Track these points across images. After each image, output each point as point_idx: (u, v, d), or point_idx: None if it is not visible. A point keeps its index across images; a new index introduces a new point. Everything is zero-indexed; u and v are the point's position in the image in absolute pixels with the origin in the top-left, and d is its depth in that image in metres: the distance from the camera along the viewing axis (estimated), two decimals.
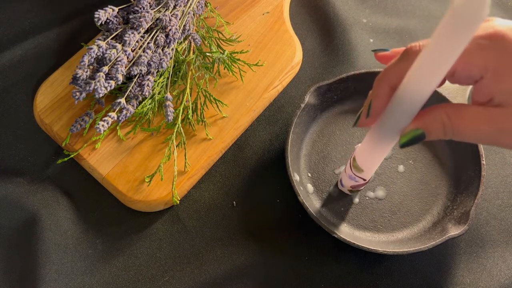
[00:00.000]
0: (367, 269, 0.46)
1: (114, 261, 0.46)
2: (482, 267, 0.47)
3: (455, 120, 0.29)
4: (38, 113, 0.51)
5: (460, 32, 0.25)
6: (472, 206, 0.44)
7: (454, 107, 0.30)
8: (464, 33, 0.25)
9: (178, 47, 0.52)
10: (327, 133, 0.52)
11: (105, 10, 0.47)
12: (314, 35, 0.60)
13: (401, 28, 0.60)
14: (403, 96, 0.30)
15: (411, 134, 0.31)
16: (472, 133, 0.29)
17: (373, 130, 0.35)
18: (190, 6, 0.52)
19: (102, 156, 0.49)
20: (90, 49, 0.45)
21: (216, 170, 0.51)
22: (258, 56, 0.55)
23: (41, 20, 0.59)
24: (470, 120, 0.29)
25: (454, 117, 0.29)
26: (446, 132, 0.30)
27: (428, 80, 0.28)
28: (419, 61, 0.28)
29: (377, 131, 0.35)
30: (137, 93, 0.49)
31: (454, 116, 0.29)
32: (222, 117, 0.51)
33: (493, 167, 0.52)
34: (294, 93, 0.56)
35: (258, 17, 0.58)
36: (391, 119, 0.32)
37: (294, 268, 0.46)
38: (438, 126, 0.30)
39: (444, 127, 0.30)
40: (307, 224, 0.48)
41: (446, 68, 0.27)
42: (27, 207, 0.48)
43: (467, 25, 0.24)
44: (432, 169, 0.50)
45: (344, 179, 0.46)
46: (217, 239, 0.48)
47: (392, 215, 0.48)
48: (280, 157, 0.51)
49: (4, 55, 0.56)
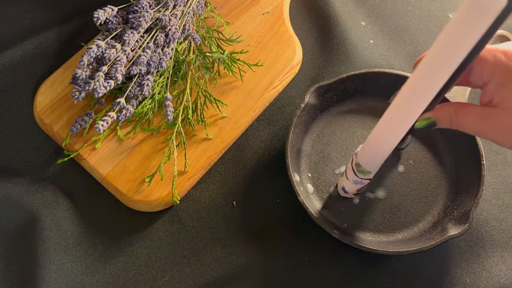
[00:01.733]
0: (367, 269, 0.46)
1: (114, 261, 0.46)
2: (482, 267, 0.47)
3: (459, 114, 0.36)
4: (38, 113, 0.51)
5: (476, 21, 0.25)
6: (472, 206, 0.44)
7: (461, 104, 0.37)
8: (479, 22, 0.26)
9: (178, 47, 0.52)
10: (327, 133, 0.52)
11: (105, 10, 0.47)
12: (314, 35, 0.60)
13: (401, 28, 0.60)
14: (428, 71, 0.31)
15: (426, 121, 0.38)
16: (470, 126, 0.36)
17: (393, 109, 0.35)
18: (190, 6, 0.52)
19: (102, 156, 0.49)
20: (89, 48, 0.45)
21: (216, 170, 0.51)
22: (258, 56, 0.55)
23: (41, 20, 0.59)
24: (470, 116, 0.36)
25: (459, 112, 0.36)
26: (452, 123, 0.37)
27: (447, 62, 0.29)
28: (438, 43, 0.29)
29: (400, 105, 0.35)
30: (136, 93, 0.49)
31: (459, 111, 0.36)
32: (222, 117, 0.51)
33: (494, 167, 0.52)
34: (294, 93, 0.56)
35: (258, 17, 0.58)
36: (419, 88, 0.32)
37: (294, 268, 0.46)
38: (446, 117, 0.37)
39: (450, 119, 0.37)
40: (307, 224, 0.48)
41: (462, 55, 0.29)
42: (27, 207, 0.48)
43: (483, 15, 0.25)
44: (432, 169, 0.50)
45: (348, 186, 0.46)
46: (217, 239, 0.48)
47: (392, 215, 0.48)
48: (280, 157, 0.51)
49: (4, 55, 0.56)
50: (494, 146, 0.53)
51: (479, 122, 0.36)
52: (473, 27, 0.26)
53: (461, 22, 0.26)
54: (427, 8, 0.62)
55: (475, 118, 0.36)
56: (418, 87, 0.31)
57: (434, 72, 0.29)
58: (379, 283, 0.46)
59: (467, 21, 0.26)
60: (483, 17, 0.25)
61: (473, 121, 0.36)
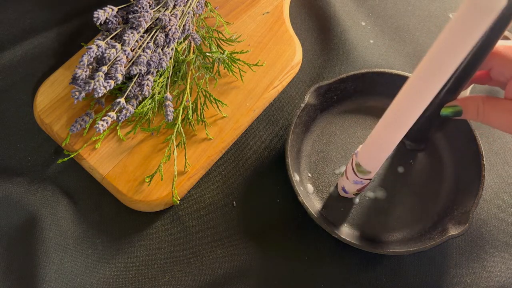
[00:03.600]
0: (367, 269, 0.46)
1: (114, 261, 0.46)
2: (482, 267, 0.47)
3: (487, 106, 0.36)
4: (38, 113, 0.51)
5: (475, 20, 0.25)
6: (472, 206, 0.44)
7: (490, 97, 0.36)
8: (480, 21, 0.26)
9: (178, 47, 0.52)
10: (327, 133, 0.52)
11: (104, 10, 0.47)
12: (314, 35, 0.60)
13: (401, 28, 0.60)
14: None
15: (452, 109, 0.38)
16: (497, 121, 0.36)
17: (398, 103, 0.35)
18: (189, 6, 0.52)
19: (102, 156, 0.49)
20: (89, 48, 0.45)
21: (216, 170, 0.51)
22: (258, 56, 0.55)
23: (41, 20, 0.59)
24: (497, 109, 0.36)
25: (487, 104, 0.36)
26: (478, 115, 0.37)
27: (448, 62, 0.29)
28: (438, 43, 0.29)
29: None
30: (136, 93, 0.49)
31: (487, 103, 0.36)
32: (222, 117, 0.51)
33: (494, 167, 0.52)
34: (294, 93, 0.56)
35: (258, 17, 0.58)
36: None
37: (294, 268, 0.46)
38: (473, 108, 0.37)
39: (477, 111, 0.36)
40: (307, 224, 0.48)
41: (462, 55, 0.29)
42: (27, 207, 0.48)
43: (483, 14, 0.25)
44: (432, 169, 0.50)
45: (348, 186, 0.46)
46: (217, 239, 0.48)
47: (392, 215, 0.48)
48: (280, 157, 0.51)
49: (4, 55, 0.56)
50: (494, 146, 0.53)
51: (508, 117, 0.35)
52: (473, 27, 0.26)
53: (461, 22, 0.26)
54: (427, 8, 0.62)
55: (504, 113, 0.35)
56: (419, 87, 0.31)
57: (435, 72, 0.29)
58: (379, 283, 0.46)
59: (467, 21, 0.26)
60: (483, 17, 0.25)
61: (501, 116, 0.35)
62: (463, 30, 0.26)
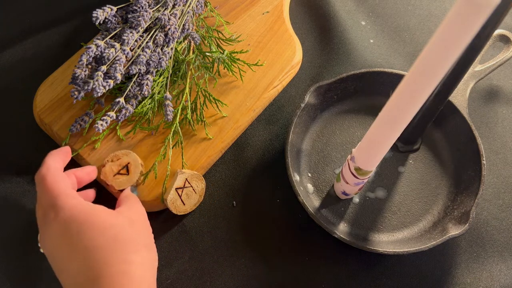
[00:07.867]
0: (367, 269, 0.46)
1: None
2: (482, 267, 0.47)
3: None
4: (38, 113, 0.51)
5: (469, 18, 0.25)
6: (472, 206, 0.44)
7: None
8: (473, 19, 0.25)
9: (177, 46, 0.52)
10: (327, 133, 0.52)
11: (104, 10, 0.47)
12: (314, 35, 0.60)
13: (402, 28, 0.60)
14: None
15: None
16: None
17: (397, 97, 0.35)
18: (189, 5, 0.52)
19: (102, 156, 0.49)
20: (88, 48, 0.45)
21: (216, 170, 0.51)
22: (258, 56, 0.55)
23: (41, 20, 0.59)
24: None
25: None
26: None
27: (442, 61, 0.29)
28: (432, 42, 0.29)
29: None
30: (136, 92, 0.48)
31: None
32: (222, 117, 0.51)
33: (494, 167, 0.52)
34: (294, 93, 0.56)
35: (258, 17, 0.58)
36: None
37: (294, 268, 0.46)
38: None
39: None
40: (307, 224, 0.48)
41: (457, 52, 0.28)
42: (27, 207, 0.48)
43: (477, 12, 0.25)
44: (432, 169, 0.50)
45: (349, 189, 0.46)
46: (217, 239, 0.47)
47: (392, 215, 0.48)
48: (280, 157, 0.51)
49: (4, 55, 0.56)
50: (494, 146, 0.53)
51: None
52: (468, 24, 0.26)
53: (455, 19, 0.26)
54: (427, 8, 0.62)
55: None
56: (415, 84, 0.31)
57: (430, 69, 0.29)
58: (379, 283, 0.46)
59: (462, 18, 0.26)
60: (477, 14, 0.25)
61: None
62: (458, 27, 0.26)
